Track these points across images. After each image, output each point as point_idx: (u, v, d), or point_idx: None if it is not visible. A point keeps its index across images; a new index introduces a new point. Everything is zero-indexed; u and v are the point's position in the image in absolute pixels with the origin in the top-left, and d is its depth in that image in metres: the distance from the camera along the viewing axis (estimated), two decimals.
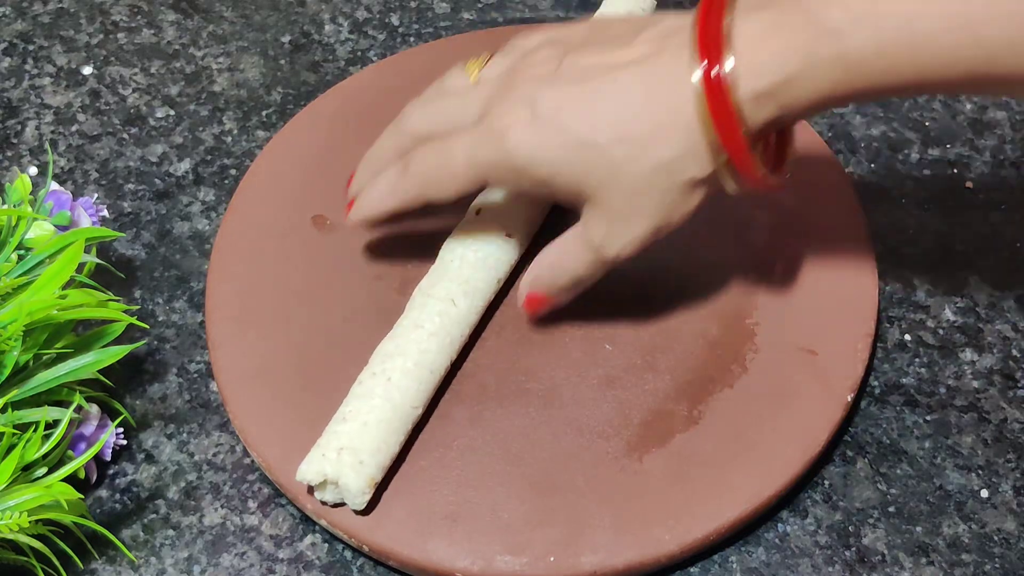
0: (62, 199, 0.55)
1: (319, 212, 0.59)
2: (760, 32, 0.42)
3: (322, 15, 0.71)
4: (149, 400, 0.55)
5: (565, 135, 0.45)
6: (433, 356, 0.50)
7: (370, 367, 0.50)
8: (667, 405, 0.52)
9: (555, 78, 0.46)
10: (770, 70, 0.42)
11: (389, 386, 0.49)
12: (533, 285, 0.51)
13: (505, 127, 0.46)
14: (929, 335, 0.56)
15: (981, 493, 0.51)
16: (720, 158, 0.44)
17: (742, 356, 0.53)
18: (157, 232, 0.61)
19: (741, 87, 0.42)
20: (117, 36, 0.71)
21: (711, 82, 0.42)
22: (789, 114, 0.43)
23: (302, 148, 0.62)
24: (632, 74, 0.44)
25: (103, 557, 0.50)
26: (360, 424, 0.48)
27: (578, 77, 0.45)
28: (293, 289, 0.56)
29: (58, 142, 0.65)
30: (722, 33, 0.42)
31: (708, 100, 0.42)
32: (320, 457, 0.47)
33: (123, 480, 0.53)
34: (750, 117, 0.42)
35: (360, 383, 0.50)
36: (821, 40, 0.41)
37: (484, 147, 0.47)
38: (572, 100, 0.45)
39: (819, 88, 0.42)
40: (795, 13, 0.41)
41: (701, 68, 0.42)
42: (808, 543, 0.50)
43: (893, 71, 0.41)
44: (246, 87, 0.68)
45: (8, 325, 0.47)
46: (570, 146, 0.45)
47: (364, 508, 0.48)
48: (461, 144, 0.48)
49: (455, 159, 0.48)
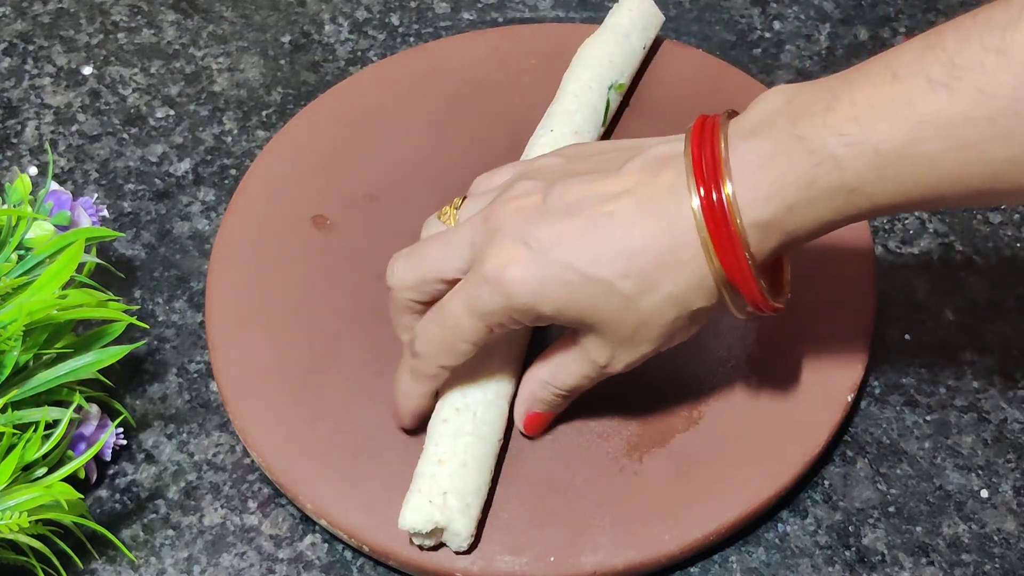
0: (62, 199, 0.55)
1: (319, 212, 0.59)
2: (757, 161, 0.41)
3: (322, 15, 0.71)
4: (149, 400, 0.55)
5: (568, 272, 0.43)
6: (507, 384, 0.50)
7: (449, 402, 0.49)
8: (667, 405, 0.52)
9: (544, 212, 0.44)
10: (772, 201, 0.40)
11: (476, 421, 0.48)
12: (532, 405, 0.50)
13: (500, 270, 0.44)
14: (929, 335, 0.56)
15: (981, 493, 0.51)
16: (726, 288, 0.42)
17: (742, 356, 0.53)
18: (157, 232, 0.61)
19: (744, 215, 0.41)
20: (117, 36, 0.71)
21: (712, 210, 0.41)
22: (794, 241, 0.42)
23: (302, 148, 0.62)
24: (628, 206, 0.43)
25: (103, 557, 0.50)
26: (459, 465, 0.47)
27: (569, 210, 0.44)
28: (293, 289, 0.56)
29: (58, 142, 0.65)
30: (719, 160, 0.41)
31: (710, 228, 0.41)
32: (427, 504, 0.46)
33: (123, 480, 0.53)
34: (756, 247, 0.41)
35: (446, 421, 0.48)
36: (820, 169, 0.39)
37: (483, 296, 0.44)
38: (569, 234, 0.43)
39: (822, 215, 0.41)
40: (790, 142, 0.40)
41: (700, 196, 0.41)
42: (808, 543, 0.50)
43: (897, 193, 0.39)
44: (246, 87, 0.68)
45: (8, 325, 0.47)
46: (575, 284, 0.43)
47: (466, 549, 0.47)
48: (458, 301, 0.46)
49: (457, 320, 0.46)
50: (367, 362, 0.53)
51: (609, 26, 0.62)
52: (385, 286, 0.49)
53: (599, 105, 0.59)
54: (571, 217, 0.43)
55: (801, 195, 0.40)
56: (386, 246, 0.57)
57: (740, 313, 0.44)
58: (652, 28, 0.63)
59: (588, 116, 0.58)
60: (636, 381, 0.52)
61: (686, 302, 0.43)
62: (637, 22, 0.62)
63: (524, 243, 0.43)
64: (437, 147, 0.61)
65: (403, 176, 0.60)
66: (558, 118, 0.58)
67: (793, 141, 0.40)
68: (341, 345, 0.54)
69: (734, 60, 0.68)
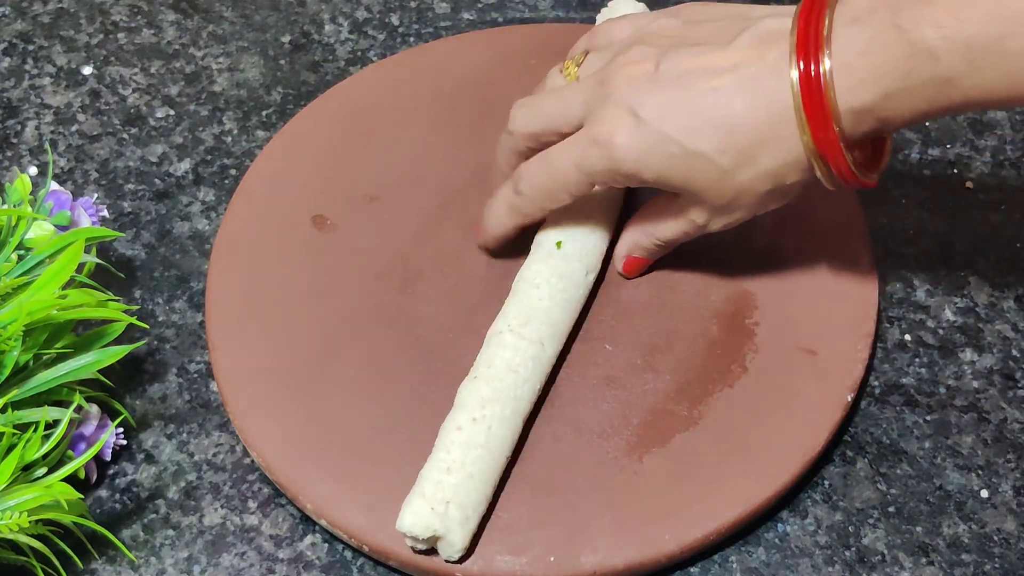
0: (62, 199, 0.55)
1: (319, 212, 0.59)
2: (858, 47, 0.43)
3: (322, 15, 0.71)
4: (149, 400, 0.55)
5: (670, 144, 0.46)
6: (525, 404, 0.50)
7: (466, 411, 0.49)
8: (667, 405, 0.52)
9: (655, 82, 0.47)
10: (868, 87, 0.43)
11: (490, 435, 0.48)
12: (632, 250, 0.54)
13: (609, 135, 0.47)
14: (929, 335, 0.56)
15: (981, 493, 0.51)
16: (818, 161, 0.45)
17: (742, 356, 0.53)
18: (157, 232, 0.61)
19: (840, 96, 0.43)
20: (117, 36, 0.71)
21: (808, 83, 0.43)
22: (887, 127, 0.44)
23: (302, 148, 0.62)
24: (732, 82, 0.45)
25: (103, 557, 0.50)
26: (466, 476, 0.47)
27: (678, 82, 0.46)
28: (293, 289, 0.56)
29: (58, 142, 0.65)
30: (821, 39, 0.43)
31: (804, 100, 0.44)
32: (429, 511, 0.46)
33: (123, 480, 0.53)
34: (849, 129, 0.44)
35: (460, 428, 0.48)
36: (916, 59, 0.42)
37: (591, 157, 0.48)
38: (675, 107, 0.46)
39: (915, 104, 0.43)
40: (890, 31, 0.42)
41: (799, 70, 0.44)
42: (808, 543, 0.50)
43: (986, 87, 0.41)
44: (246, 87, 0.68)
45: (8, 325, 0.47)
46: (676, 155, 0.46)
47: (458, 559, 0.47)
48: (567, 155, 0.49)
49: (564, 171, 0.50)
50: (367, 362, 0.53)
51: None
52: (385, 282, 0.50)
53: None
54: (679, 90, 0.46)
55: (897, 84, 0.42)
56: (386, 246, 0.57)
57: (831, 185, 0.46)
58: None
59: None
60: (637, 379, 0.52)
61: (781, 176, 0.46)
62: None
63: (633, 112, 0.47)
64: (437, 147, 0.61)
65: (403, 176, 0.60)
66: None
67: (893, 30, 0.42)
68: (341, 345, 0.54)
69: None
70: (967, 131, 0.64)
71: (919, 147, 0.63)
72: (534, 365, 0.50)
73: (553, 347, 0.51)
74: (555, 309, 0.51)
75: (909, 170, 0.62)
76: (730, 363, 0.53)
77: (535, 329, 0.51)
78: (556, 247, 0.53)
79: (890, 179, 0.62)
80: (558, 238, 0.53)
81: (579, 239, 0.54)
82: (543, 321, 0.51)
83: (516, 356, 0.50)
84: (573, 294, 0.52)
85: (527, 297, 0.52)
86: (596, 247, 0.54)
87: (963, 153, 0.63)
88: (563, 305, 0.52)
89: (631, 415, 0.51)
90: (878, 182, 0.47)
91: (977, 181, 0.62)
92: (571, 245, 0.53)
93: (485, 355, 0.50)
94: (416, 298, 0.56)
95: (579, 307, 0.53)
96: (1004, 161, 0.63)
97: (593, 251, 0.54)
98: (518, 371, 0.49)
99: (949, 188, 0.62)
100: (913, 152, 0.63)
